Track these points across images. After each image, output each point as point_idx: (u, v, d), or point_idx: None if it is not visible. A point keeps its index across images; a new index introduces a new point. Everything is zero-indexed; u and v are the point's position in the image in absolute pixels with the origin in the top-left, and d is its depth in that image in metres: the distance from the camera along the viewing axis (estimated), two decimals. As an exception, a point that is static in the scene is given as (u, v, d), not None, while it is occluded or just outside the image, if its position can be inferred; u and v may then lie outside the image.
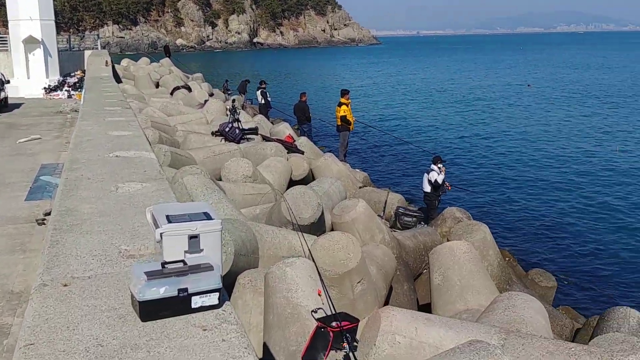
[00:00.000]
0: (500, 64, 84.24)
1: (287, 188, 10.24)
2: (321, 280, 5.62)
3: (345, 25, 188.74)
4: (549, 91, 45.00)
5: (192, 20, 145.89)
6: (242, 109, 22.12)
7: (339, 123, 18.19)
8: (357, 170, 16.05)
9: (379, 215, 10.22)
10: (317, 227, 8.43)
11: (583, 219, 14.72)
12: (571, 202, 16.12)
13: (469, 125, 29.48)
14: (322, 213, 8.60)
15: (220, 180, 10.47)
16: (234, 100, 18.61)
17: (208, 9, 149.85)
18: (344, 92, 18.26)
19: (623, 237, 13.50)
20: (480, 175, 19.24)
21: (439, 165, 13.02)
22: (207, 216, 3.23)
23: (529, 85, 49.31)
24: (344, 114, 17.92)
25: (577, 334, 8.13)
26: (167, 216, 3.18)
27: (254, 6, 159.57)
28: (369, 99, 41.69)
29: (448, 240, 8.65)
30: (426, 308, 7.75)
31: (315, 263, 5.99)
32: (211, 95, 25.24)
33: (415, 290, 8.54)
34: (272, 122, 21.53)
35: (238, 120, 15.74)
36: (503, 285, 8.42)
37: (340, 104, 18.08)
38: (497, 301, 6.01)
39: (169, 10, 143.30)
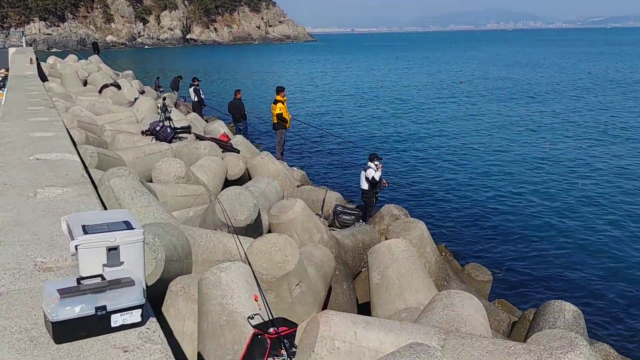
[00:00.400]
0: (433, 61, 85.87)
1: (223, 189, 9.97)
2: (258, 284, 5.43)
3: (280, 22, 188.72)
4: (481, 87, 46.12)
5: (123, 17, 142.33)
6: (175, 106, 21.60)
7: (275, 121, 17.97)
8: (294, 168, 15.90)
9: (317, 215, 10.10)
10: (254, 229, 8.22)
11: (516, 213, 15.08)
12: (503, 197, 16.50)
13: (404, 122, 29.83)
14: (259, 214, 8.39)
15: (151, 181, 10.09)
16: (164, 98, 18.11)
17: (139, 4, 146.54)
18: (280, 90, 17.99)
19: (554, 231, 13.88)
20: (416, 172, 19.46)
21: (376, 162, 13.02)
22: (128, 225, 2.98)
23: (461, 82, 50.41)
24: (280, 111, 17.71)
25: (514, 328, 8.25)
26: (84, 226, 2.92)
27: (186, 2, 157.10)
28: (305, 96, 41.64)
29: (386, 238, 8.60)
30: (366, 307, 7.68)
31: (251, 267, 5.79)
32: (142, 92, 24.54)
33: (354, 290, 8.47)
34: (206, 120, 21.15)
35: (170, 119, 15.31)
36: (441, 282, 8.45)
37: (276, 102, 17.85)
38: (436, 300, 5.97)
39: (98, 6, 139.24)
